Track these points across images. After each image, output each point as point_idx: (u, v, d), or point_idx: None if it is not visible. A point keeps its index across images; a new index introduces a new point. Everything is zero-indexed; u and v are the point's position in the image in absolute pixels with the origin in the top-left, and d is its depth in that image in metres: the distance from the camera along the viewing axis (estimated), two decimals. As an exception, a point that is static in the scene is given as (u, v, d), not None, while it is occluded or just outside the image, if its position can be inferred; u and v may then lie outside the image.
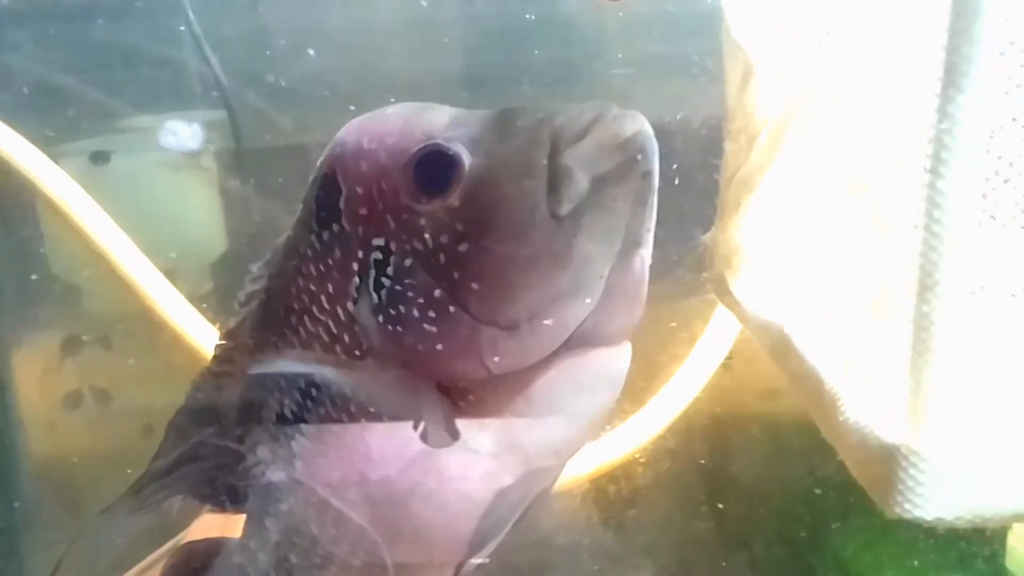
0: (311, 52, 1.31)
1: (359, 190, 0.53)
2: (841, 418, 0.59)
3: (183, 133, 1.16)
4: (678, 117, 1.30)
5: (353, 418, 0.55)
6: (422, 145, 0.51)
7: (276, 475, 0.57)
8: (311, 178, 0.57)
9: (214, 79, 1.26)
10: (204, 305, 1.32)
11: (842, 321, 0.59)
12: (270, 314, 0.59)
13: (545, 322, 0.50)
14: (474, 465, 0.53)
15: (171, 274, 1.32)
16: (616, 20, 1.31)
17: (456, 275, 0.50)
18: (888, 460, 0.53)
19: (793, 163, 0.67)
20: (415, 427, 0.52)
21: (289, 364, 0.58)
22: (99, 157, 1.27)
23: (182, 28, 1.23)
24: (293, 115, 1.34)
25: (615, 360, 0.55)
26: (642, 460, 1.21)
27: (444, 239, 0.51)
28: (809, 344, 0.64)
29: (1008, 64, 0.44)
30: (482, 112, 0.54)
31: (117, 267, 1.10)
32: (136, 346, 1.30)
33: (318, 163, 0.56)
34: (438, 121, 0.53)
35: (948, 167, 0.45)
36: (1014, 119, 0.49)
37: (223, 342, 0.63)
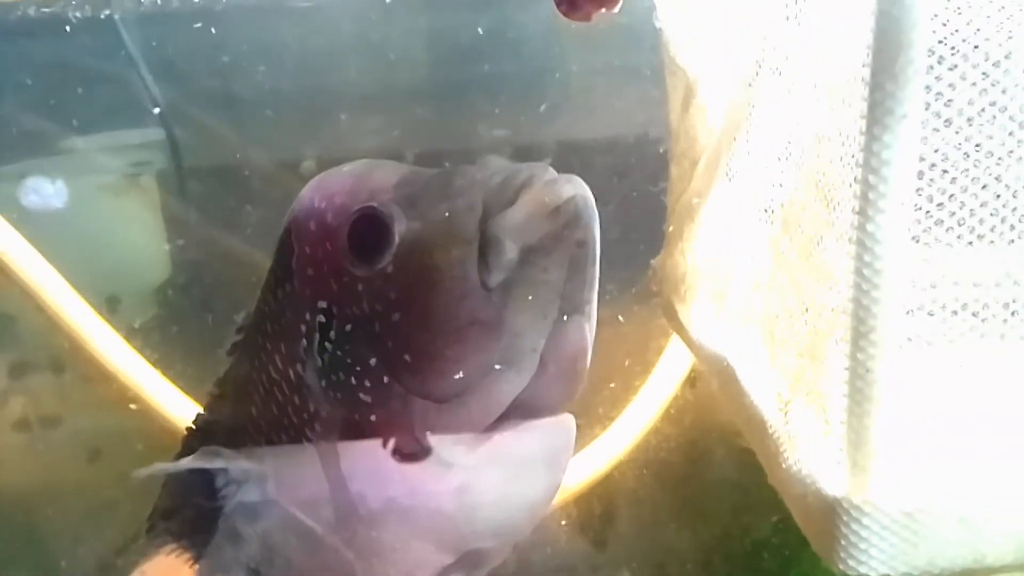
0: (260, 68, 1.27)
1: (308, 250, 0.53)
2: (784, 465, 0.55)
3: (46, 191, 1.10)
4: (634, 131, 1.28)
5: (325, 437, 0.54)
6: (359, 207, 0.50)
7: (248, 495, 0.56)
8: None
9: (151, 98, 1.21)
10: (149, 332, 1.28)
11: (780, 360, 0.56)
12: (241, 370, 0.60)
13: (477, 396, 0.49)
14: (449, 479, 0.51)
15: (113, 301, 1.27)
16: (570, 32, 1.29)
17: (389, 344, 0.49)
18: (830, 514, 0.50)
19: (732, 191, 0.64)
20: (384, 445, 0.51)
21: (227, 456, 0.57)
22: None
23: (118, 47, 1.18)
24: (238, 133, 1.29)
25: (555, 434, 0.53)
26: (609, 480, 1.19)
27: (378, 306, 0.50)
28: (752, 382, 0.61)
29: (932, 98, 0.41)
30: (429, 172, 0.53)
31: (44, 300, 1.05)
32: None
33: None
34: (384, 182, 0.52)
35: (877, 209, 0.42)
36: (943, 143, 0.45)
37: (213, 390, 0.63)
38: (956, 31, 0.40)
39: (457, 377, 0.48)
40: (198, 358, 1.19)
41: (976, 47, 0.40)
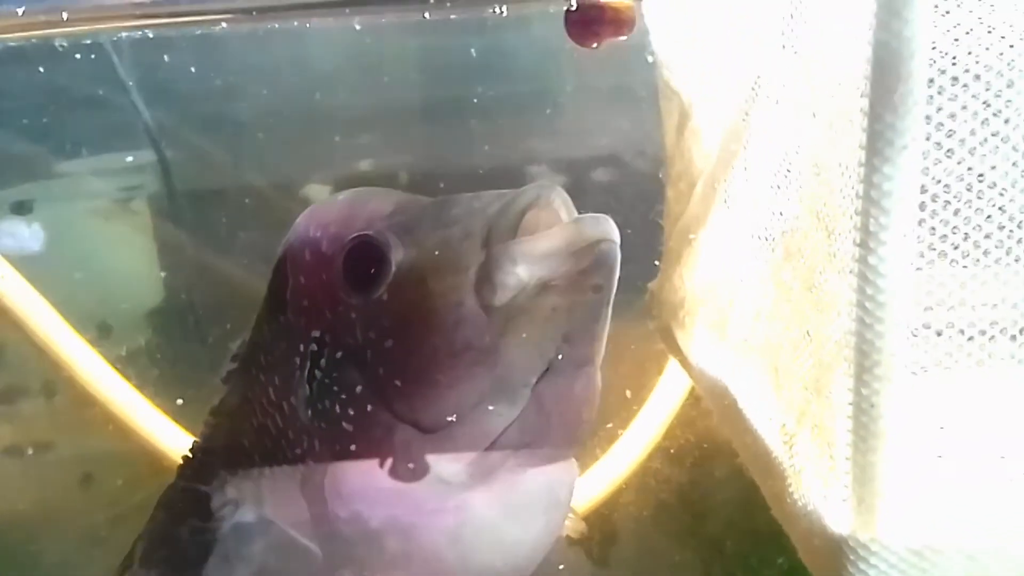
0: (252, 91, 1.26)
1: (302, 279, 0.53)
2: (789, 501, 0.54)
3: (21, 234, 1.09)
4: (629, 151, 1.27)
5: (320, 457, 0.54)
6: (354, 235, 0.50)
7: (244, 516, 0.56)
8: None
9: (142, 122, 1.20)
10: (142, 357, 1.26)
11: (785, 393, 0.54)
12: (236, 398, 0.60)
13: (466, 427, 0.48)
14: (447, 497, 0.50)
15: (105, 326, 1.26)
16: (565, 53, 1.28)
17: (380, 371, 0.48)
18: (836, 553, 0.49)
19: (730, 218, 0.63)
20: (380, 465, 0.51)
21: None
22: (21, 207, 1.20)
23: (108, 70, 1.17)
24: (230, 156, 1.28)
25: (555, 481, 0.52)
26: (614, 497, 1.17)
27: (371, 333, 0.49)
28: (756, 414, 0.60)
29: (933, 128, 0.40)
30: (426, 200, 0.52)
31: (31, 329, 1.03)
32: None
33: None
34: (381, 210, 0.51)
35: (879, 241, 0.41)
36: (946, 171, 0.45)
37: (210, 417, 0.63)
38: (956, 60, 0.39)
39: (447, 404, 0.47)
40: (191, 383, 1.18)
41: (977, 77, 0.39)
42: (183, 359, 1.27)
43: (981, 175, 0.41)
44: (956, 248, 0.43)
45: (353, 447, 0.50)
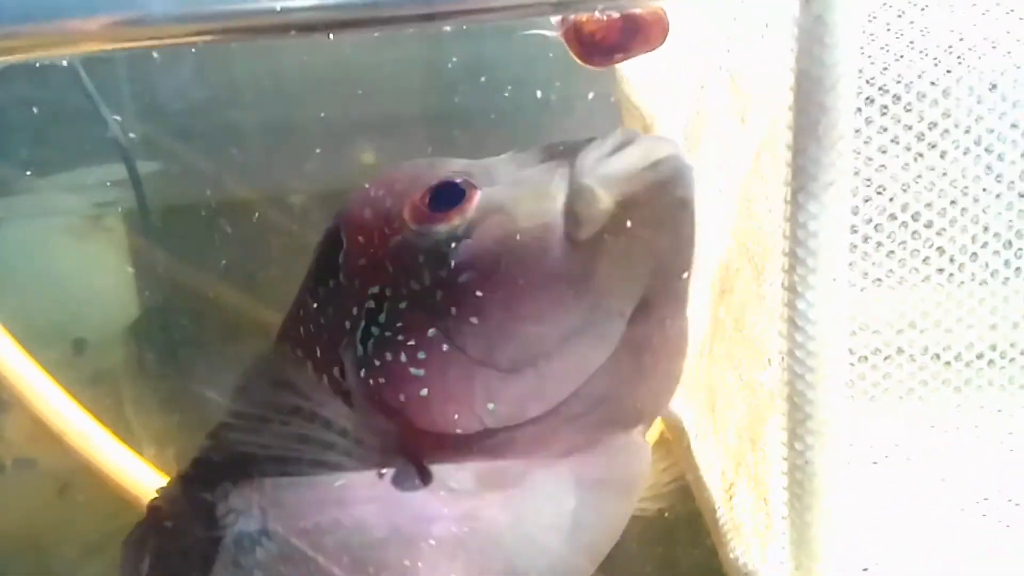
0: (228, 104, 1.24)
1: (360, 239, 0.50)
2: (731, 556, 0.50)
3: None
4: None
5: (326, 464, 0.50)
6: (434, 177, 0.47)
7: (247, 525, 0.53)
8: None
9: (113, 137, 1.19)
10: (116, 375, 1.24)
11: (722, 436, 0.50)
12: (257, 395, 0.54)
13: (552, 365, 0.43)
14: (453, 505, 0.46)
15: (80, 344, 1.24)
16: (547, 62, 1.25)
17: (454, 310, 0.44)
18: (774, 616, 0.45)
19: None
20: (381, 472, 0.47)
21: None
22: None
23: (78, 85, 1.15)
24: (205, 170, 1.26)
25: (631, 459, 0.47)
26: None
27: (444, 272, 0.45)
28: (701, 456, 0.56)
29: (862, 164, 0.36)
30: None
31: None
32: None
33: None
34: (451, 165, 0.49)
35: (807, 286, 0.37)
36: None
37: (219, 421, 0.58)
38: (885, 89, 0.35)
39: (531, 339, 0.43)
40: (167, 401, 1.16)
41: (909, 108, 0.35)
42: (159, 375, 1.25)
43: (917, 214, 0.37)
44: (890, 275, 0.39)
45: (416, 397, 0.45)
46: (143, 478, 0.98)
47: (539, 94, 1.23)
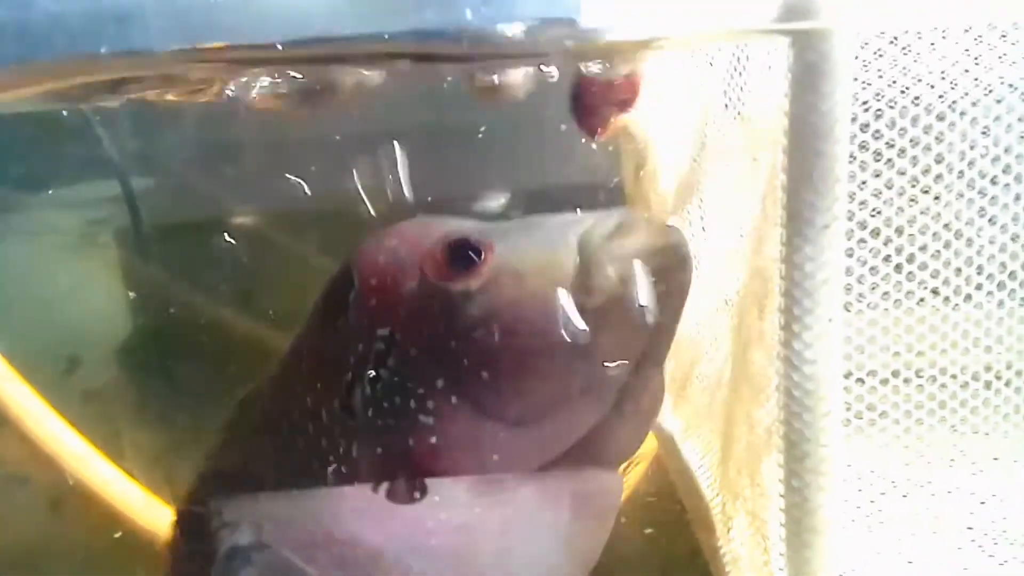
0: (222, 121, 1.24)
1: (372, 281, 0.52)
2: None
3: None
4: (604, 182, 1.24)
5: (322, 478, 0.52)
6: (451, 234, 0.50)
7: (242, 539, 0.54)
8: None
9: (106, 153, 1.18)
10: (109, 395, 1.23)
11: (725, 470, 0.51)
12: (257, 414, 0.58)
13: (556, 421, 0.47)
14: (448, 518, 0.49)
15: (74, 362, 1.24)
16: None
17: (466, 362, 0.47)
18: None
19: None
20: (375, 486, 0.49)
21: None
22: (-16, 243, 1.18)
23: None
24: (200, 188, 1.26)
25: (609, 487, 0.51)
26: None
27: (458, 326, 0.48)
28: (706, 488, 0.56)
29: (856, 207, 0.37)
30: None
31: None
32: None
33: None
34: (464, 225, 0.52)
35: (803, 326, 0.37)
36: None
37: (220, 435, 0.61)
38: (879, 135, 0.36)
39: (539, 397, 0.46)
40: (160, 420, 1.15)
41: (902, 152, 0.36)
42: (152, 395, 1.24)
43: (911, 256, 0.37)
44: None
45: (425, 443, 0.48)
46: (135, 496, 0.97)
47: (534, 111, 1.24)
